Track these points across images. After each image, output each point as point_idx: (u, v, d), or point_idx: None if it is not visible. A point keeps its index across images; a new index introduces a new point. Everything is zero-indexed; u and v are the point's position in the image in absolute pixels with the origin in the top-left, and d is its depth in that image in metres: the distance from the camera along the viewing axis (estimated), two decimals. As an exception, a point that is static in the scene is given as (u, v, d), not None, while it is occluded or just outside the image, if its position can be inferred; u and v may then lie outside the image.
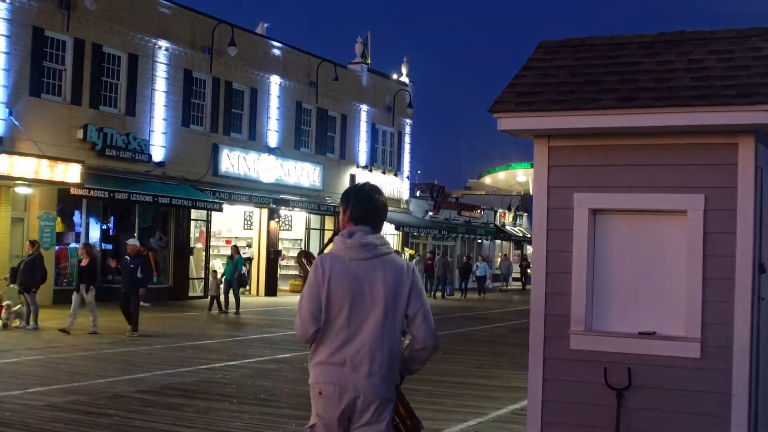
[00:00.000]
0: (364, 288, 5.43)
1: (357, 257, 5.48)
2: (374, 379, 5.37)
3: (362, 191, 5.72)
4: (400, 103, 53.10)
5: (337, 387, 5.36)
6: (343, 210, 5.69)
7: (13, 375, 15.62)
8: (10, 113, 29.51)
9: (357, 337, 5.39)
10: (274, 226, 42.17)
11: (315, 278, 5.47)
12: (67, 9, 31.53)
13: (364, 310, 5.42)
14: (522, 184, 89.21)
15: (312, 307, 5.43)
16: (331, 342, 5.42)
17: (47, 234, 30.73)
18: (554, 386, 7.60)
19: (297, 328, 5.51)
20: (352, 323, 5.41)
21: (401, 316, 5.48)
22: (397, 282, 5.48)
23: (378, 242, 5.57)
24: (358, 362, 5.36)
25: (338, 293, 5.42)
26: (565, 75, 7.95)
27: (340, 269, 5.45)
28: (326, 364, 5.41)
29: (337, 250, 5.57)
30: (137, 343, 20.82)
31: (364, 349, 5.37)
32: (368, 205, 5.65)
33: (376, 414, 5.39)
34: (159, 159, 35.54)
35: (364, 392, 5.35)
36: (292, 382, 15.73)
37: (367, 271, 5.46)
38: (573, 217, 7.61)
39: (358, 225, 5.59)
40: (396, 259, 5.61)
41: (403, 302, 5.48)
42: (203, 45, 37.93)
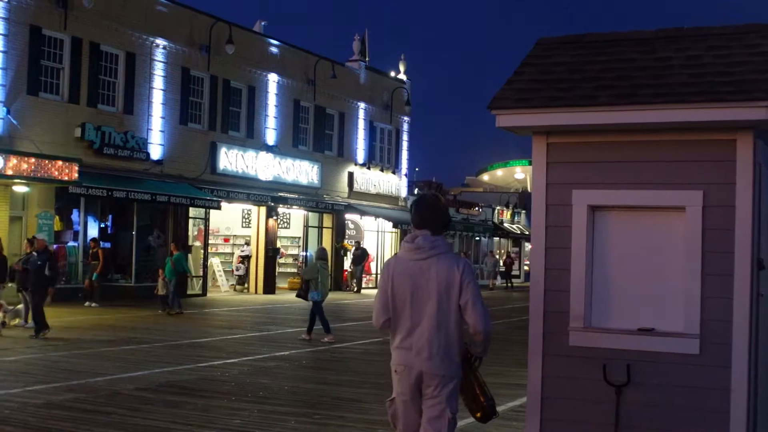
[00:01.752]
0: (421, 284, 6.47)
1: (414, 258, 6.56)
2: (434, 360, 6.42)
3: (420, 201, 6.86)
4: (398, 101, 53.09)
5: (407, 367, 6.49)
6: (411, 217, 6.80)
7: (13, 373, 15.62)
8: (8, 112, 29.50)
9: (418, 326, 6.47)
10: (273, 224, 42.17)
11: (382, 277, 6.68)
12: (64, 7, 31.51)
13: (422, 303, 6.47)
14: (520, 181, 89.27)
15: (381, 302, 6.61)
16: (400, 330, 6.56)
17: (45, 232, 30.69)
18: (553, 383, 7.61)
19: (373, 318, 6.71)
20: (414, 314, 6.49)
21: (455, 305, 6.46)
22: (449, 277, 6.46)
23: (432, 244, 6.58)
24: (420, 348, 6.44)
25: (400, 289, 6.52)
26: (563, 72, 7.96)
27: (402, 269, 6.56)
28: (399, 348, 6.56)
29: (400, 252, 6.73)
30: (136, 341, 20.82)
31: (424, 337, 6.44)
32: (422, 212, 6.71)
33: (438, 389, 6.44)
34: (157, 157, 35.53)
35: (426, 372, 6.43)
36: (291, 380, 15.75)
37: (423, 270, 6.50)
38: (572, 213, 7.62)
39: (418, 230, 6.67)
40: (448, 257, 6.59)
41: (456, 294, 6.45)
42: (201, 43, 37.91)
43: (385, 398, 6.89)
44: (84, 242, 33.27)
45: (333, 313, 32.15)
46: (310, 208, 44.60)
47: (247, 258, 41.83)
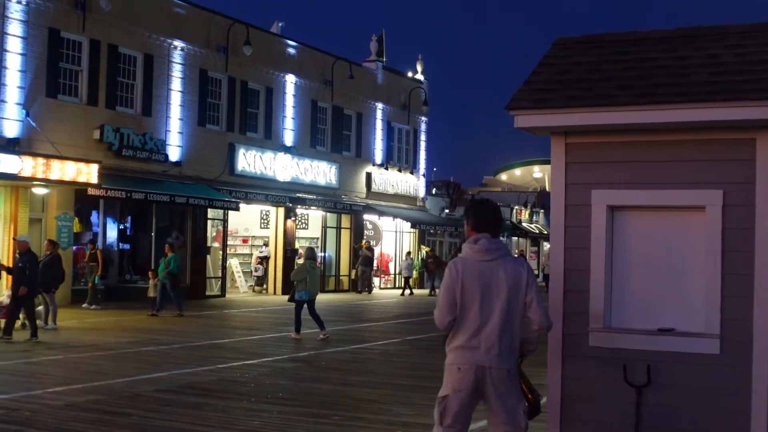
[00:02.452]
0: (490, 284, 6.71)
1: (483, 259, 6.78)
2: (502, 356, 6.68)
3: (481, 206, 7.13)
4: (416, 101, 53.08)
5: (473, 366, 6.65)
6: (467, 222, 7.07)
7: (33, 375, 15.69)
8: (27, 114, 29.61)
9: (487, 325, 6.68)
10: (291, 225, 42.21)
11: (450, 278, 6.76)
12: (82, 10, 31.62)
13: (491, 303, 6.69)
14: (538, 181, 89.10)
15: (449, 301, 6.73)
16: (466, 329, 6.71)
17: (65, 234, 30.84)
18: (574, 383, 7.58)
19: (436, 317, 6.81)
20: (483, 313, 6.69)
21: (521, 305, 6.73)
22: (516, 277, 6.75)
23: (498, 246, 6.87)
24: (489, 345, 6.65)
25: (470, 289, 6.70)
26: (581, 71, 7.93)
27: (471, 270, 6.75)
28: (465, 347, 6.71)
29: (466, 254, 6.86)
30: (155, 342, 20.86)
31: (494, 335, 6.67)
32: (485, 216, 6.99)
33: (507, 383, 6.70)
34: (175, 159, 35.60)
35: (495, 368, 6.64)
36: (311, 381, 15.75)
37: (492, 271, 6.74)
38: (591, 214, 7.60)
39: (480, 233, 6.88)
40: (512, 258, 6.93)
41: (522, 293, 6.74)
42: (218, 45, 37.98)
43: (404, 399, 6.97)
44: (104, 244, 33.38)
45: (353, 314, 32.19)
46: (329, 208, 44.62)
47: (265, 259, 41.87)
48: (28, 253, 21.67)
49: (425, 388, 14.97)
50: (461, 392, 6.70)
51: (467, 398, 6.70)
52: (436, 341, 22.30)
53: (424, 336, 24.36)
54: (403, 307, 36.46)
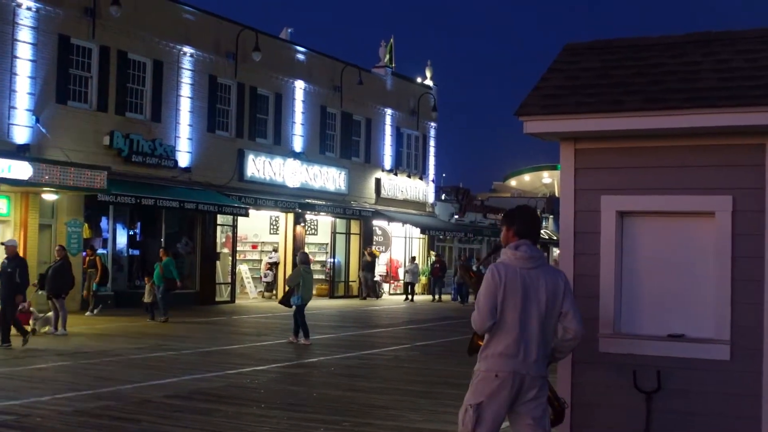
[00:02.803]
0: (530, 292, 6.68)
1: (525, 266, 6.74)
2: (539, 363, 6.69)
3: (525, 212, 7.06)
4: (425, 107, 53.08)
5: (511, 373, 6.62)
6: (506, 227, 7.03)
7: (43, 380, 15.71)
8: (37, 120, 29.68)
9: (526, 331, 6.65)
10: (300, 231, 42.22)
11: (492, 282, 6.72)
12: (92, 16, 31.69)
13: (531, 309, 6.66)
14: (548, 186, 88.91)
15: (489, 306, 6.69)
16: (504, 336, 6.67)
17: (74, 240, 30.88)
18: (583, 389, 7.58)
19: (475, 321, 6.79)
20: (522, 320, 6.66)
21: (557, 313, 6.74)
22: (555, 286, 6.74)
23: (540, 254, 6.89)
24: (528, 352, 6.64)
25: (511, 295, 6.67)
26: (590, 77, 7.93)
27: (512, 276, 6.70)
28: (503, 354, 6.66)
29: (507, 260, 6.81)
30: (164, 348, 20.87)
31: (533, 342, 6.66)
32: (529, 223, 6.97)
33: (539, 390, 6.69)
34: (185, 165, 35.65)
35: (531, 375, 6.64)
36: (320, 387, 15.74)
37: (533, 278, 6.71)
38: (600, 219, 7.59)
39: (521, 239, 6.86)
40: (550, 267, 6.95)
41: (559, 302, 6.73)
42: (228, 51, 38.03)
43: (414, 405, 6.90)
44: (113, 250, 33.42)
45: (362, 320, 32.19)
46: (338, 214, 44.62)
47: (275, 265, 41.88)
48: (17, 257, 21.43)
49: (435, 394, 14.97)
50: (498, 399, 6.66)
51: (504, 405, 6.68)
52: (452, 348, 22.28)
53: (434, 342, 24.36)
54: (412, 313, 36.44)
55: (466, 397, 6.81)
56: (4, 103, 28.89)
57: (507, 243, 6.95)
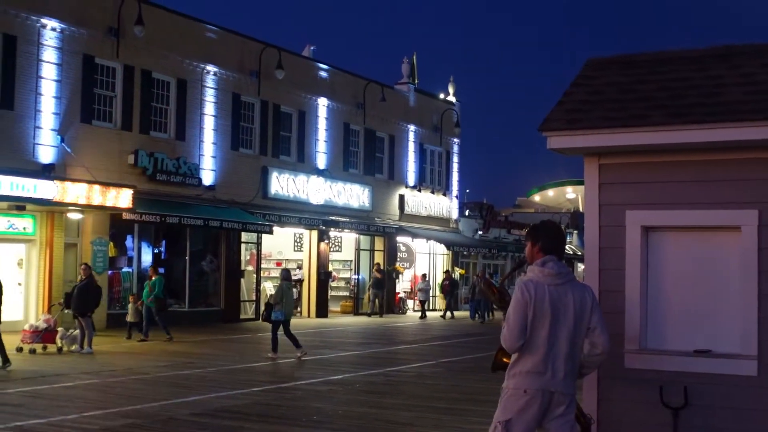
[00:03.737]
0: (559, 308, 6.67)
1: (553, 283, 6.72)
2: (567, 380, 6.68)
3: (549, 228, 7.06)
4: (448, 123, 53.08)
5: (539, 390, 6.60)
6: (531, 243, 6.96)
7: (70, 399, 15.76)
8: (62, 140, 29.87)
9: (554, 349, 6.64)
10: (324, 248, 42.25)
11: (522, 300, 6.69)
12: (116, 36, 31.89)
13: (559, 327, 6.66)
14: (572, 201, 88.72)
15: (520, 324, 6.65)
16: (533, 353, 6.65)
17: (100, 259, 31.02)
18: (609, 406, 7.54)
19: (505, 339, 6.73)
20: (551, 337, 6.64)
21: (585, 329, 6.74)
22: (583, 302, 6.73)
23: (567, 270, 6.86)
24: (556, 369, 6.63)
25: (540, 313, 6.64)
26: (614, 92, 7.92)
27: (541, 293, 6.68)
28: (532, 372, 6.64)
29: (535, 277, 6.78)
30: (190, 366, 20.90)
31: (560, 359, 6.64)
32: (554, 238, 6.96)
33: (568, 407, 6.69)
34: (209, 183, 35.77)
35: (560, 392, 6.63)
36: (345, 404, 15.73)
37: (561, 295, 6.70)
38: (625, 234, 7.57)
39: (547, 255, 6.83)
40: (578, 283, 6.90)
41: (587, 317, 6.73)
42: (251, 69, 38.17)
43: (439, 422, 6.84)
44: (138, 268, 33.54)
45: (385, 337, 32.16)
46: (362, 231, 44.64)
47: (299, 282, 41.90)
48: None
49: (460, 411, 14.94)
50: (527, 416, 6.65)
51: (533, 422, 6.66)
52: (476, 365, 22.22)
53: (458, 359, 24.31)
54: (436, 330, 36.38)
55: (495, 414, 6.80)
56: (29, 123, 29.09)
57: (532, 259, 6.92)
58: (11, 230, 28.86)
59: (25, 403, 15.05)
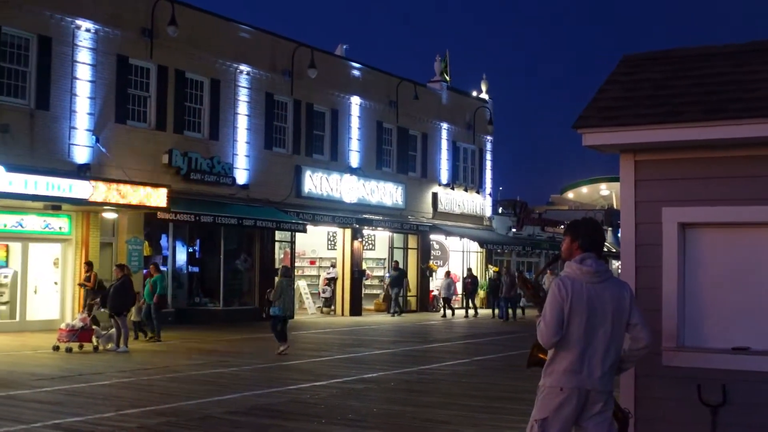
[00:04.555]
0: (596, 306, 6.64)
1: (591, 281, 6.69)
2: (604, 378, 6.64)
3: (590, 225, 7.01)
4: (481, 121, 52.97)
5: (575, 388, 6.60)
6: (570, 239, 6.93)
7: (106, 397, 15.85)
8: (97, 140, 30.06)
9: (591, 346, 6.63)
10: (358, 246, 42.28)
11: (559, 296, 6.67)
12: (150, 37, 32.07)
13: (596, 324, 6.63)
14: (606, 198, 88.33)
15: (557, 320, 6.64)
16: (570, 351, 6.64)
17: (135, 258, 31.19)
18: (647, 403, 7.50)
19: (541, 334, 6.70)
20: (587, 335, 6.63)
21: (623, 327, 6.72)
22: (620, 299, 6.71)
23: (605, 268, 6.82)
24: (593, 367, 6.62)
25: (577, 310, 6.63)
26: (649, 88, 7.87)
27: (578, 290, 6.66)
28: (568, 370, 6.63)
29: (572, 274, 6.77)
30: (225, 364, 20.97)
31: (597, 356, 6.62)
32: (594, 236, 6.92)
33: (604, 404, 6.67)
34: (243, 182, 35.88)
35: (596, 390, 6.61)
36: (381, 402, 15.73)
37: (599, 292, 6.67)
38: (662, 231, 7.52)
39: (585, 252, 6.81)
40: (616, 280, 6.89)
41: (626, 314, 6.70)
42: (284, 68, 38.25)
43: (474, 420, 6.82)
44: (173, 267, 33.72)
45: (420, 335, 32.15)
46: (395, 229, 44.64)
47: (333, 280, 41.97)
48: None
49: (495, 409, 14.91)
50: (563, 414, 6.65)
51: (569, 420, 6.67)
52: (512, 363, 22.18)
53: (493, 356, 24.26)
54: (470, 328, 36.33)
55: (532, 413, 6.79)
56: (64, 124, 29.31)
57: (569, 255, 6.89)
58: (47, 230, 29.12)
59: (63, 401, 15.16)
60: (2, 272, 29.11)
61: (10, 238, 28.75)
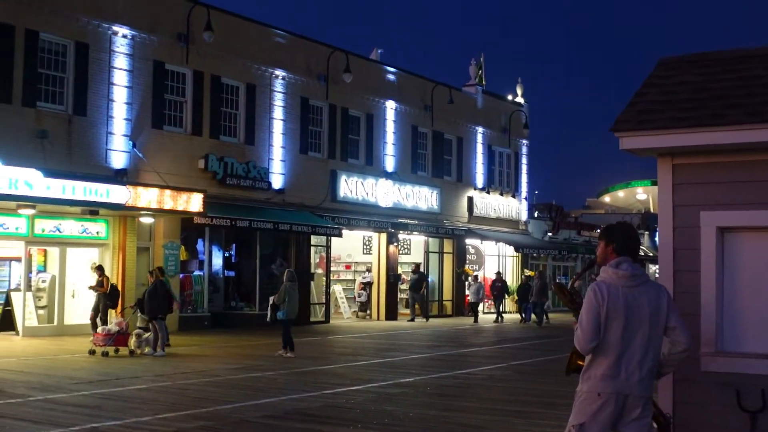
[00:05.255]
0: (634, 310, 6.58)
1: (628, 285, 6.64)
2: (643, 383, 6.58)
3: (625, 229, 6.94)
4: (516, 124, 52.86)
5: (613, 393, 6.54)
6: (605, 244, 6.88)
7: (143, 401, 15.92)
8: (134, 145, 30.26)
9: (628, 351, 6.57)
10: (393, 250, 42.28)
11: (595, 301, 6.63)
12: (185, 42, 32.24)
13: (633, 329, 6.57)
14: (642, 202, 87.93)
15: (594, 326, 6.59)
16: (607, 355, 6.59)
17: (172, 262, 31.35)
18: (685, 409, 7.45)
19: (578, 340, 6.66)
20: (625, 339, 6.57)
21: (661, 330, 6.66)
22: (658, 303, 6.65)
23: (642, 272, 6.75)
24: (631, 372, 6.56)
25: (613, 315, 6.57)
26: (687, 91, 7.82)
27: (615, 294, 6.61)
28: (606, 375, 6.58)
29: (608, 278, 6.71)
30: (261, 368, 21.02)
31: (634, 361, 6.57)
32: (629, 239, 6.84)
33: (644, 410, 6.61)
34: (278, 186, 35.99)
35: (635, 395, 6.56)
36: (416, 407, 15.70)
37: (635, 296, 6.62)
38: (700, 235, 7.46)
39: (621, 256, 6.75)
40: (653, 283, 6.79)
41: (663, 318, 6.64)
42: (319, 72, 38.33)
43: (509, 425, 6.76)
44: (209, 271, 33.85)
45: (456, 339, 32.09)
46: (431, 233, 44.60)
47: (368, 284, 41.98)
48: None
49: (530, 414, 14.85)
50: (601, 419, 6.61)
51: (607, 426, 6.62)
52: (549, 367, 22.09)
53: (528, 361, 24.17)
54: (505, 333, 36.22)
55: (570, 418, 6.76)
56: (101, 129, 29.52)
57: (605, 259, 6.85)
58: (85, 234, 29.33)
59: (100, 405, 15.24)
60: (40, 276, 29.37)
61: (48, 242, 28.99)
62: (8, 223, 27.48)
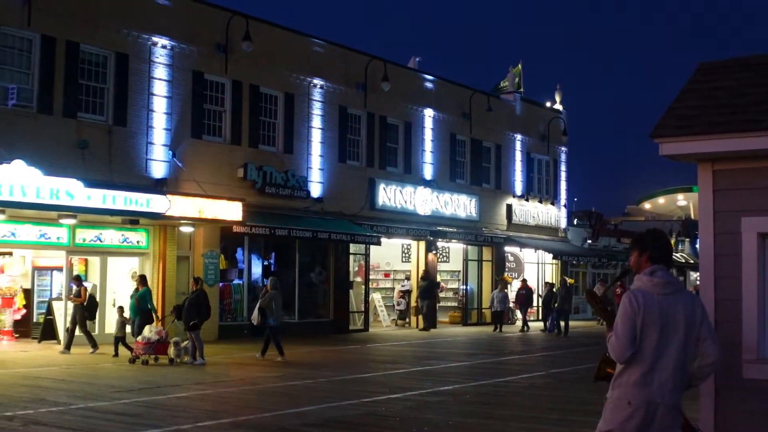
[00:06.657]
0: (669, 318, 6.56)
1: (663, 292, 6.62)
2: (675, 392, 6.56)
3: (657, 236, 6.90)
4: (555, 131, 52.67)
5: (644, 402, 6.50)
6: (639, 252, 6.86)
7: (184, 409, 16.00)
8: (173, 155, 30.43)
9: (662, 359, 6.53)
10: (432, 258, 42.23)
11: (631, 309, 6.60)
12: (224, 52, 32.41)
13: (668, 337, 6.55)
14: (682, 209, 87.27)
15: (629, 334, 6.55)
16: (641, 364, 6.55)
17: (211, 271, 31.49)
18: (727, 416, 7.39)
19: (614, 350, 6.62)
20: (659, 348, 6.54)
21: (695, 339, 6.61)
22: (693, 312, 6.61)
23: (676, 280, 6.76)
24: (663, 381, 6.52)
25: (648, 323, 6.54)
26: (726, 96, 7.77)
27: (650, 302, 6.58)
28: (638, 383, 6.54)
29: (643, 286, 6.69)
30: (301, 376, 21.06)
31: (668, 370, 6.53)
32: (662, 247, 6.82)
33: (675, 418, 6.59)
34: (317, 195, 36.06)
35: (666, 403, 6.51)
36: (456, 415, 15.67)
37: (671, 304, 6.59)
38: (741, 241, 7.41)
39: (655, 264, 6.72)
40: (687, 292, 6.80)
41: (697, 327, 6.60)
42: (357, 81, 38.39)
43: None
44: (248, 280, 33.97)
45: (495, 347, 32.01)
46: (469, 241, 44.51)
47: (407, 293, 41.94)
48: None
49: (570, 422, 14.78)
50: (629, 427, 6.56)
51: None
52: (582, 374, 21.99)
53: (568, 369, 24.06)
54: (545, 341, 36.08)
55: (598, 424, 6.76)
56: (142, 139, 29.74)
57: (639, 268, 6.84)
58: (125, 244, 29.52)
59: (141, 413, 15.33)
60: (83, 286, 29.54)
61: (89, 252, 29.21)
62: (50, 233, 27.71)
